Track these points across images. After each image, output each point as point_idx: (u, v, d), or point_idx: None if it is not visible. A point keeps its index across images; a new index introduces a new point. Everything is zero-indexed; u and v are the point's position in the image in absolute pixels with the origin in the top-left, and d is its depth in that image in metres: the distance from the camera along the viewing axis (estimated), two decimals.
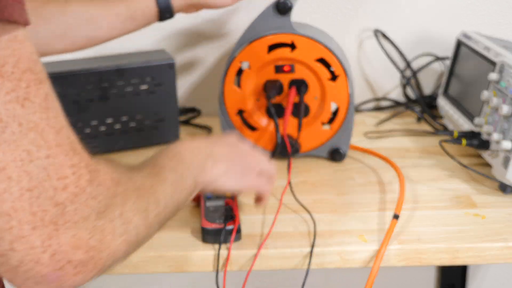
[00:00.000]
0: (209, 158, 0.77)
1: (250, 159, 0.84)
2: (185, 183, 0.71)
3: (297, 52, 1.08)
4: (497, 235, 0.89)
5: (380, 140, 1.23)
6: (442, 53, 1.37)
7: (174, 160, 0.72)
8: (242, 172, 0.82)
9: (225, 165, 0.79)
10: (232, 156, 0.81)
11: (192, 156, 0.75)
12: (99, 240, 0.53)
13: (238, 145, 0.84)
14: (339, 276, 1.58)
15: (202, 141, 0.80)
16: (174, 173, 0.70)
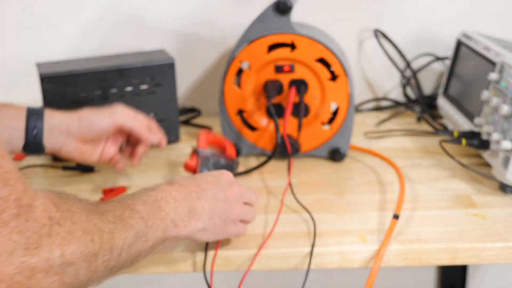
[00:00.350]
0: (188, 215, 0.76)
1: (234, 211, 0.82)
2: (152, 235, 0.71)
3: (297, 52, 1.08)
4: (497, 235, 0.89)
5: (380, 140, 1.23)
6: (442, 53, 1.37)
7: (151, 207, 0.72)
8: (222, 226, 0.81)
9: (205, 223, 0.78)
10: (214, 212, 0.80)
11: (171, 208, 0.74)
12: (27, 276, 0.53)
13: (225, 192, 0.82)
14: (339, 276, 1.58)
15: (187, 189, 0.78)
16: (143, 222, 0.69)
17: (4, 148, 0.53)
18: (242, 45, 1.09)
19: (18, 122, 0.89)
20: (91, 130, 0.93)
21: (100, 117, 0.94)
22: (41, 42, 1.34)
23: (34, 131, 0.88)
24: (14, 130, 0.88)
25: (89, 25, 1.34)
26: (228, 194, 0.82)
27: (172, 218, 0.74)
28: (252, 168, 1.09)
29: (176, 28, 1.35)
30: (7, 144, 0.88)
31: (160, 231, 0.72)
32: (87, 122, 0.93)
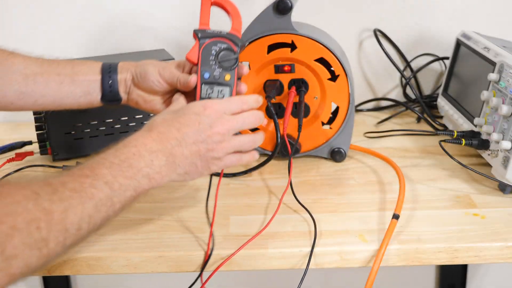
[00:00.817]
0: (166, 165, 0.75)
1: (218, 151, 0.80)
2: (120, 197, 0.70)
3: (297, 52, 1.08)
4: (497, 235, 0.89)
5: (380, 140, 1.23)
6: (442, 53, 1.37)
7: (118, 168, 0.70)
8: (205, 166, 0.80)
9: (185, 168, 0.78)
10: (195, 156, 0.78)
11: (145, 163, 0.73)
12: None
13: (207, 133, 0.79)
14: (339, 276, 1.58)
15: (166, 137, 0.76)
16: (108, 187, 0.68)
17: None
18: None
19: (94, 76, 0.93)
20: (144, 80, 0.93)
21: (152, 70, 0.93)
22: (41, 42, 1.34)
23: (109, 82, 0.93)
24: (91, 82, 0.93)
25: (89, 25, 1.34)
26: (209, 134, 0.80)
27: (145, 173, 0.73)
28: (252, 168, 1.09)
29: (176, 28, 1.35)
30: (86, 96, 0.93)
31: (130, 190, 0.71)
32: (142, 71, 0.93)
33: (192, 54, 0.89)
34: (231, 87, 0.88)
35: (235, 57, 0.88)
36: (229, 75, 0.88)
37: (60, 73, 0.92)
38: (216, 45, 0.89)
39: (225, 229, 0.92)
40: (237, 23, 0.91)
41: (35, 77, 0.91)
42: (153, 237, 0.91)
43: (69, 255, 0.86)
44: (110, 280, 1.58)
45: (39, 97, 0.91)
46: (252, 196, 1.02)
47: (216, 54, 0.88)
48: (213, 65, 0.88)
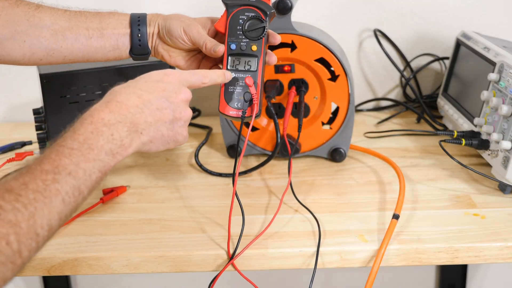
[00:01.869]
0: (128, 135, 0.71)
1: (183, 117, 0.77)
2: (87, 183, 0.67)
3: (297, 52, 1.08)
4: (496, 235, 0.89)
5: (380, 140, 1.23)
6: (442, 53, 1.37)
7: (78, 153, 0.67)
8: (172, 135, 0.77)
9: (150, 135, 0.74)
10: (160, 122, 0.75)
11: (104, 140, 0.69)
12: None
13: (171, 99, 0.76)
14: (339, 276, 1.58)
15: (125, 106, 0.72)
16: (72, 178, 0.65)
17: None
18: None
19: (123, 29, 0.93)
20: (169, 36, 0.92)
21: (176, 26, 0.92)
22: None
23: (138, 35, 0.93)
24: (120, 36, 0.93)
25: None
26: (174, 100, 0.76)
27: (108, 150, 0.69)
28: (252, 168, 1.09)
29: None
30: (115, 50, 0.93)
31: (96, 173, 0.68)
32: (168, 26, 0.93)
33: (220, 23, 0.88)
34: (258, 58, 0.87)
35: (262, 26, 0.86)
36: (255, 45, 0.87)
37: (89, 27, 0.92)
38: (244, 14, 0.87)
39: (225, 229, 0.92)
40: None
41: (64, 33, 0.91)
42: (153, 237, 0.91)
43: (69, 255, 0.86)
44: (110, 280, 1.58)
45: (69, 53, 0.92)
46: (252, 196, 1.02)
47: (243, 24, 0.87)
48: (240, 35, 0.87)
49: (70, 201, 0.65)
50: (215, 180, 1.08)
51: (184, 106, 0.78)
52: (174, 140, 0.77)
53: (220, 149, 1.20)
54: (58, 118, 1.13)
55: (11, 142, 1.22)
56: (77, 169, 0.66)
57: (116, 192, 1.02)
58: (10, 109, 1.39)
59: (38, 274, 0.88)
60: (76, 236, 0.91)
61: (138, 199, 1.02)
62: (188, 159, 1.16)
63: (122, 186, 1.05)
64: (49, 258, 0.86)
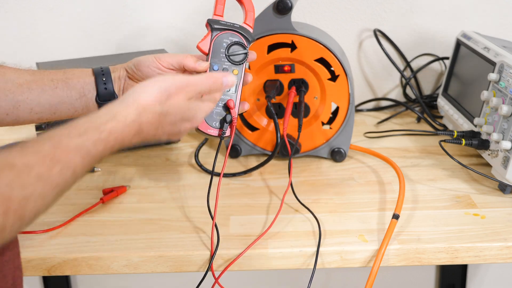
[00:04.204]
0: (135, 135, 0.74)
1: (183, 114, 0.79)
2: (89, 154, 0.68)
3: (297, 52, 1.08)
4: (496, 235, 0.89)
5: (380, 140, 1.23)
6: (442, 53, 1.37)
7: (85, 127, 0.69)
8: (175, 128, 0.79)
9: (153, 131, 0.77)
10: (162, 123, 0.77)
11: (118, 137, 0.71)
12: None
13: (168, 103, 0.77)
14: (339, 276, 1.58)
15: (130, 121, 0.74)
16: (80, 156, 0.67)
17: None
18: None
19: (87, 78, 0.93)
20: (140, 69, 0.92)
21: (146, 57, 0.92)
22: (41, 42, 1.35)
23: (103, 79, 0.93)
24: (85, 84, 0.92)
25: (89, 25, 1.34)
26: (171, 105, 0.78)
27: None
28: (252, 168, 1.09)
29: (176, 28, 1.35)
30: (82, 98, 0.92)
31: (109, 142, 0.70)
32: (136, 61, 0.92)
33: (203, 44, 0.88)
34: (238, 81, 0.89)
35: (244, 52, 0.88)
36: (237, 70, 0.88)
37: (53, 78, 0.91)
38: (228, 38, 0.89)
39: (225, 229, 0.92)
40: (250, 17, 0.90)
41: (29, 85, 0.90)
42: (153, 237, 0.91)
43: (69, 255, 0.86)
44: (110, 280, 1.58)
45: (35, 105, 0.90)
46: (252, 196, 1.02)
47: (227, 48, 0.88)
48: (223, 58, 0.88)
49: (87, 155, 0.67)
50: (215, 180, 1.08)
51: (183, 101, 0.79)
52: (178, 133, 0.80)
53: (220, 149, 1.20)
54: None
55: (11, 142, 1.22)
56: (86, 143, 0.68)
57: (116, 192, 1.02)
58: None
59: (38, 274, 0.88)
60: (76, 236, 0.91)
61: (138, 199, 1.02)
62: (188, 159, 1.16)
63: (122, 186, 1.05)
64: (49, 258, 0.86)
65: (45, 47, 1.34)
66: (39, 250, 0.87)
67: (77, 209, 0.97)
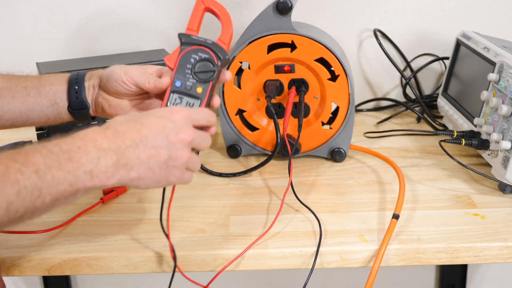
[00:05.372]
0: (115, 166, 0.69)
1: (178, 158, 0.74)
2: (51, 190, 0.64)
3: (297, 52, 1.08)
4: (496, 235, 0.89)
5: (380, 140, 1.23)
6: (442, 53, 1.37)
7: (55, 158, 0.65)
8: (164, 174, 0.73)
9: (140, 172, 0.71)
10: (154, 161, 0.72)
11: (88, 159, 0.67)
12: None
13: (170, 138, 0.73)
14: (339, 276, 1.58)
15: (121, 137, 0.70)
16: (37, 177, 0.63)
17: None
18: (242, 45, 1.09)
19: (60, 85, 0.90)
20: (108, 82, 0.87)
21: (118, 69, 0.88)
22: (41, 42, 1.35)
23: (76, 87, 0.90)
24: (57, 92, 0.90)
25: (89, 25, 1.34)
26: (173, 140, 0.73)
27: (88, 170, 0.66)
28: (252, 168, 1.09)
29: (176, 28, 1.35)
30: (53, 106, 0.90)
31: (65, 184, 0.65)
32: (109, 71, 0.88)
33: (170, 58, 0.84)
34: (201, 101, 0.82)
35: (213, 70, 0.82)
36: (201, 88, 0.82)
37: (27, 86, 0.89)
38: (197, 53, 0.83)
39: (225, 229, 0.92)
40: (226, 34, 0.85)
41: (1, 92, 0.88)
42: (153, 237, 0.91)
43: (69, 255, 0.86)
44: (110, 280, 1.58)
45: (5, 112, 0.88)
46: (252, 196, 1.02)
47: (194, 64, 0.83)
48: (188, 74, 0.83)
49: (25, 198, 0.63)
50: (215, 180, 1.08)
51: (183, 147, 0.74)
52: (166, 180, 0.74)
53: (220, 149, 1.20)
54: None
55: (11, 142, 1.22)
56: (46, 171, 0.64)
57: (116, 192, 1.02)
58: None
59: (38, 274, 0.88)
60: (76, 236, 0.91)
61: (138, 199, 1.02)
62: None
63: (122, 186, 1.05)
64: (49, 258, 0.86)
65: (45, 47, 1.35)
66: (39, 250, 0.87)
67: (77, 209, 0.97)
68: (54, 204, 0.66)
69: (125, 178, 0.70)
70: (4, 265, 0.86)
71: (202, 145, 0.77)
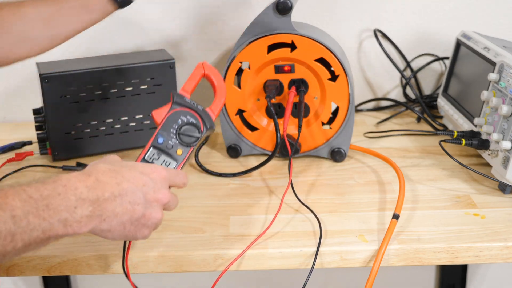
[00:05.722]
0: (90, 217, 0.68)
1: (151, 218, 0.75)
2: (24, 236, 0.64)
3: (297, 52, 1.08)
4: (496, 235, 0.89)
5: (380, 140, 1.23)
6: (442, 53, 1.37)
7: (33, 205, 0.64)
8: (133, 231, 0.74)
9: (111, 225, 0.71)
10: (127, 217, 0.72)
11: (66, 207, 0.66)
12: None
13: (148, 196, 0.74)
14: (339, 276, 1.58)
15: (102, 187, 0.70)
16: (12, 222, 0.63)
17: None
18: (242, 45, 1.09)
19: None
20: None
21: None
22: None
23: None
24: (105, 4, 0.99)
25: None
26: (150, 199, 0.74)
27: (63, 218, 0.66)
28: (252, 168, 1.09)
29: (176, 28, 1.35)
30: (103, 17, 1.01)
31: (38, 231, 0.65)
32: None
33: (158, 113, 0.85)
34: (178, 163, 0.84)
35: (197, 136, 0.84)
36: (181, 150, 0.83)
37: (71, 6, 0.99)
38: (186, 116, 0.85)
39: (225, 229, 0.92)
40: (218, 105, 0.88)
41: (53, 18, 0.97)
42: (153, 237, 0.90)
43: (69, 255, 0.86)
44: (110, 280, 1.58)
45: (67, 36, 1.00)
46: (252, 196, 1.02)
47: (180, 125, 0.84)
48: (172, 133, 0.84)
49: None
50: (215, 180, 1.08)
51: (157, 207, 0.75)
52: (133, 235, 0.74)
53: (220, 149, 1.20)
54: (58, 118, 1.13)
55: (11, 142, 1.22)
56: (22, 217, 0.64)
57: None
58: (10, 109, 1.39)
59: (38, 274, 0.88)
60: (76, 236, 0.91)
61: None
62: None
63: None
64: (49, 258, 0.86)
65: None
66: (39, 250, 0.87)
67: None
68: (25, 250, 0.65)
69: (96, 228, 0.70)
70: (4, 265, 0.86)
71: (172, 207, 0.79)
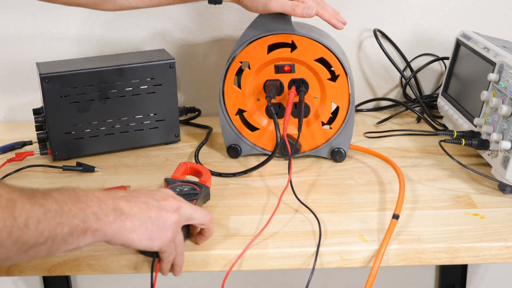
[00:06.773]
0: (114, 212, 0.73)
1: (170, 218, 0.78)
2: (69, 221, 0.67)
3: (297, 52, 1.08)
4: (496, 235, 0.89)
5: (380, 140, 1.23)
6: (442, 53, 1.38)
7: (68, 196, 0.69)
8: (157, 231, 0.77)
9: (134, 224, 0.74)
10: (146, 215, 0.76)
11: (93, 203, 0.71)
12: None
13: (159, 202, 0.79)
14: (339, 276, 1.58)
15: (114, 193, 0.76)
16: (57, 205, 0.67)
17: None
18: (242, 45, 1.09)
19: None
20: None
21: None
22: (40, 42, 1.34)
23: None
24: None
25: (89, 25, 1.34)
26: (162, 203, 0.79)
27: (94, 211, 0.70)
28: (252, 168, 1.09)
29: (176, 28, 1.35)
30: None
31: (78, 219, 0.68)
32: None
33: None
34: None
35: (195, 193, 0.93)
36: None
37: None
38: (182, 186, 0.95)
39: (225, 229, 0.92)
40: (207, 179, 1.00)
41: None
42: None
43: (69, 255, 0.86)
44: (110, 280, 1.58)
45: None
46: (252, 196, 1.02)
47: (179, 192, 0.93)
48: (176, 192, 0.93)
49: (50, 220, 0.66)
50: (215, 180, 1.08)
51: (172, 209, 0.79)
52: (158, 236, 0.77)
53: (220, 149, 1.20)
54: (58, 118, 1.13)
55: (11, 142, 1.22)
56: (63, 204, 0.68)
57: None
58: (10, 109, 1.39)
59: (38, 274, 0.88)
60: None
61: None
62: (188, 159, 1.16)
63: (122, 186, 1.05)
64: (49, 258, 0.86)
65: (45, 47, 1.34)
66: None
67: None
68: (68, 239, 0.68)
69: (122, 227, 0.73)
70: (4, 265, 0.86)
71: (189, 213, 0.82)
